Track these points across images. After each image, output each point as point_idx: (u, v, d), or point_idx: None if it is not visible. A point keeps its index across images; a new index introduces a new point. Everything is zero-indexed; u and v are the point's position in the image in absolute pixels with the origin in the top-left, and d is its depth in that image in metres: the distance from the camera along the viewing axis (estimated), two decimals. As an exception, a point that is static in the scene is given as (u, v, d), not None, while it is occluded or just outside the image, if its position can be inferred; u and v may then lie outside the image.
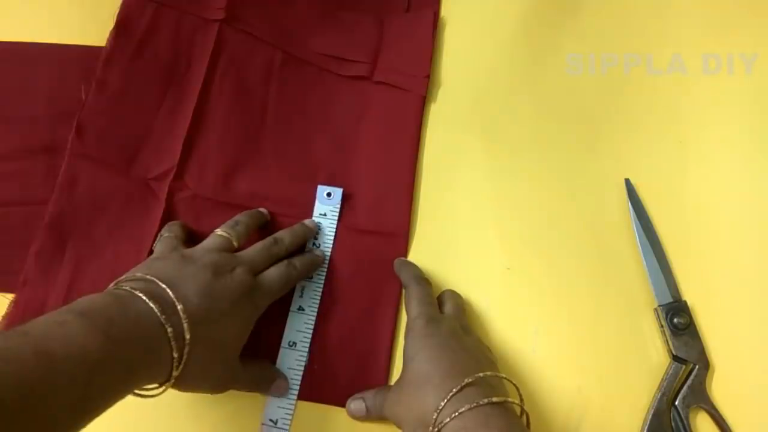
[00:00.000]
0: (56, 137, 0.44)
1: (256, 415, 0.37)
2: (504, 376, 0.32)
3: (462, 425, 0.29)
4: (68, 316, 0.27)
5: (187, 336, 0.30)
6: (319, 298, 0.40)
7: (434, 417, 0.30)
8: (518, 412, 0.32)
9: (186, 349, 0.30)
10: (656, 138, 0.45)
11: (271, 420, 0.37)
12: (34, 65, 0.47)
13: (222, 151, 0.44)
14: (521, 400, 0.32)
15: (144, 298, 0.29)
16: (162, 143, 0.44)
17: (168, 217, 0.41)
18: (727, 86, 0.46)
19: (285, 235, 0.40)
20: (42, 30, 0.48)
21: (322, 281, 0.41)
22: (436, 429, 0.30)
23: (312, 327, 0.39)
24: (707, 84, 0.46)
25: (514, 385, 0.32)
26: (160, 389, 0.31)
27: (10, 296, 0.39)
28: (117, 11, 0.47)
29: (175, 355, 0.30)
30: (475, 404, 0.29)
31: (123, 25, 0.46)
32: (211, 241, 0.37)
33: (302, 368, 0.39)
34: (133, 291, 0.30)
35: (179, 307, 0.30)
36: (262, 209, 0.42)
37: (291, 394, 0.38)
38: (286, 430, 0.37)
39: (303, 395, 0.38)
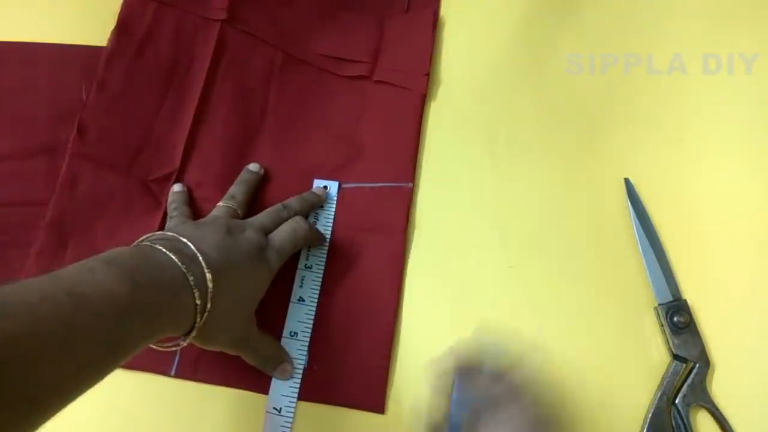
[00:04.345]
0: (56, 137, 0.44)
1: (259, 409, 0.38)
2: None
3: None
4: (96, 263, 0.28)
5: (210, 284, 0.31)
6: (318, 288, 0.40)
7: None
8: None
9: (209, 296, 0.31)
10: (656, 138, 0.45)
11: (275, 408, 0.37)
12: (34, 65, 0.47)
13: (222, 152, 0.44)
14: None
15: (164, 250, 0.31)
16: (163, 144, 0.44)
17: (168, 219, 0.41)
18: (727, 86, 0.46)
19: (293, 202, 0.41)
20: (42, 30, 0.48)
21: (322, 272, 0.41)
22: None
23: (312, 318, 0.40)
24: (707, 84, 0.46)
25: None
26: (185, 340, 0.32)
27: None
28: (118, 11, 0.47)
29: (198, 302, 0.31)
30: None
31: (124, 25, 0.46)
32: (218, 212, 0.39)
33: (304, 358, 0.39)
34: (153, 245, 0.31)
35: (200, 257, 0.32)
36: (250, 166, 0.43)
37: (294, 382, 0.38)
38: (290, 417, 0.37)
39: (303, 395, 0.38)
